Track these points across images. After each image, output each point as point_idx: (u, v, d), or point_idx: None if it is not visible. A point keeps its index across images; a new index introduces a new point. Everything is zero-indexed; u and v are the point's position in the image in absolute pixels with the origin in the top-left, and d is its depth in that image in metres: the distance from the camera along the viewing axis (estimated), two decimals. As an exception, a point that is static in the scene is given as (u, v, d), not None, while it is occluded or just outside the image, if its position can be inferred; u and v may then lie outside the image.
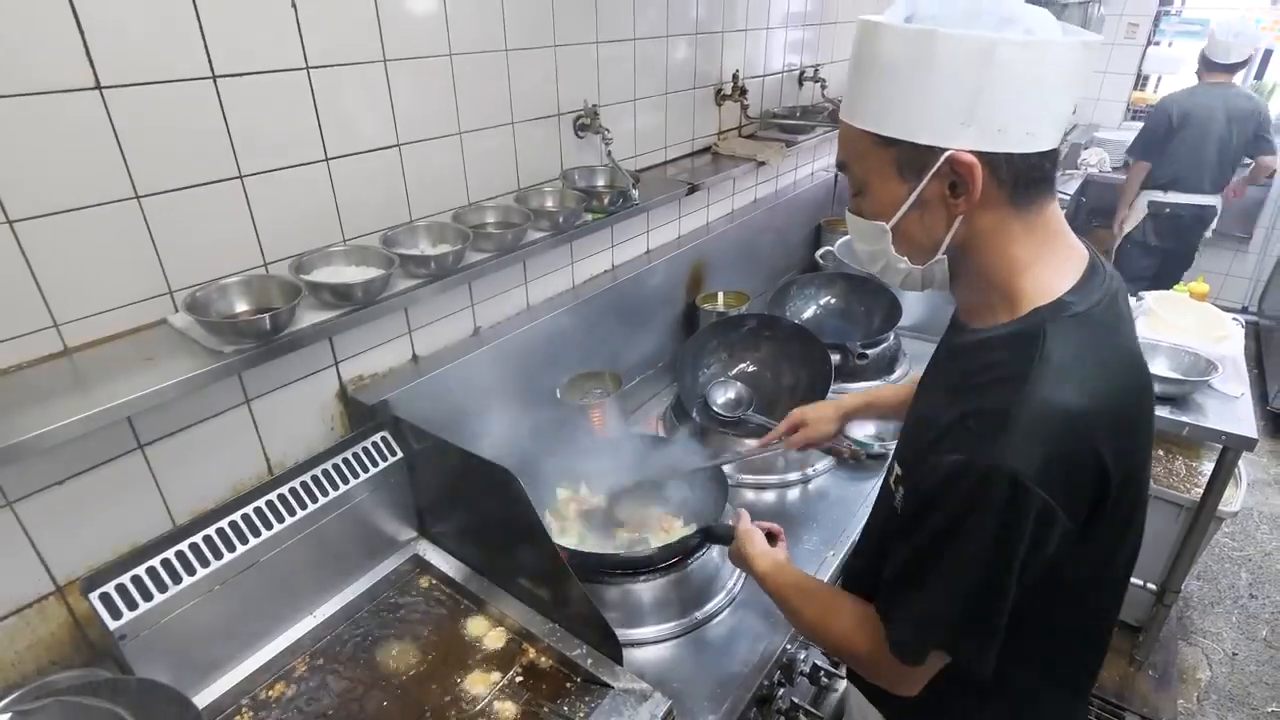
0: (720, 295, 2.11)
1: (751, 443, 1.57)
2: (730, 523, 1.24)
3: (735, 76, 2.19)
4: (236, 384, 1.13)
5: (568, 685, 1.09)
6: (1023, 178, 0.76)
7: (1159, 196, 3.75)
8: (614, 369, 1.74)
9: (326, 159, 1.20)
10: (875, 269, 0.90)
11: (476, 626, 1.20)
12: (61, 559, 0.99)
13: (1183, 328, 2.28)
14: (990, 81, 0.72)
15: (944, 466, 0.76)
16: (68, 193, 0.93)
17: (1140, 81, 5.22)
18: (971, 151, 0.74)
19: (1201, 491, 2.13)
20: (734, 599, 1.32)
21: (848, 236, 2.56)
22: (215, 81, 1.03)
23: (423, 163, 1.34)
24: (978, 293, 0.84)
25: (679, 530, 1.39)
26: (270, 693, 1.09)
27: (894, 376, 2.01)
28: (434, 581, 1.28)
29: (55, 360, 0.97)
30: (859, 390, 1.91)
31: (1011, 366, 0.75)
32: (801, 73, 2.62)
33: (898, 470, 0.93)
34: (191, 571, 0.99)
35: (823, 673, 1.32)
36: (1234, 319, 2.36)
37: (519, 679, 1.11)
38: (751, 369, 1.86)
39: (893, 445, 1.71)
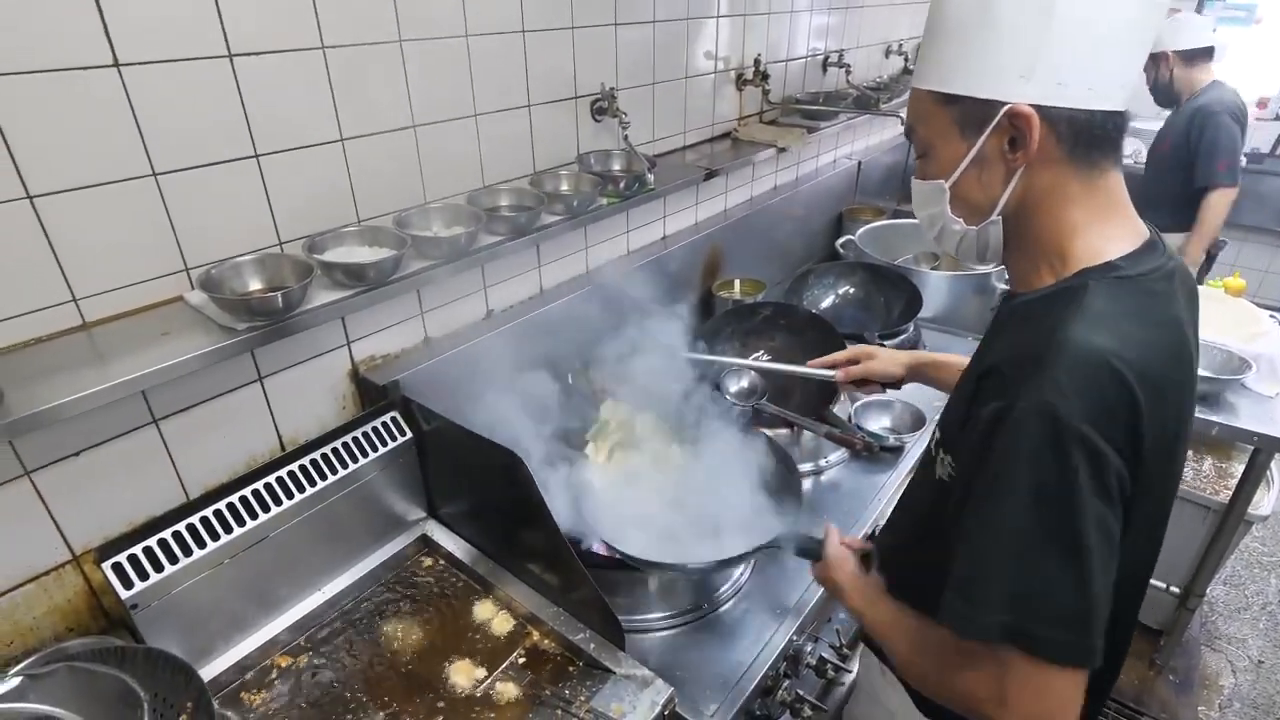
0: (737, 283, 2.09)
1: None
2: (819, 535, 1.15)
3: (757, 61, 2.15)
4: (249, 361, 1.14)
5: (570, 669, 1.10)
6: (1083, 136, 0.76)
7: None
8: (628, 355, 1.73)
9: (342, 139, 1.20)
10: (932, 234, 0.91)
11: (483, 608, 1.20)
12: (78, 529, 1.02)
13: (1216, 324, 2.21)
14: (1050, 34, 0.72)
15: (982, 419, 0.74)
16: (86, 169, 0.94)
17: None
18: (1030, 105, 0.74)
19: (1230, 493, 2.08)
20: (741, 588, 1.32)
21: (869, 225, 2.55)
22: (232, 60, 1.04)
23: (438, 144, 1.34)
24: (1029, 258, 0.83)
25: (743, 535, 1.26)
26: (277, 667, 1.10)
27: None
28: (442, 562, 1.29)
29: (74, 334, 0.99)
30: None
31: (1048, 317, 0.74)
32: (826, 58, 2.58)
33: (938, 435, 0.91)
34: (203, 544, 1.01)
35: (829, 665, 1.31)
36: (1271, 316, 2.28)
37: (522, 661, 1.11)
38: (765, 358, 1.84)
39: (908, 438, 1.69)
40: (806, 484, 1.62)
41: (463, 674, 1.09)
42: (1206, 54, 2.99)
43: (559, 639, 1.13)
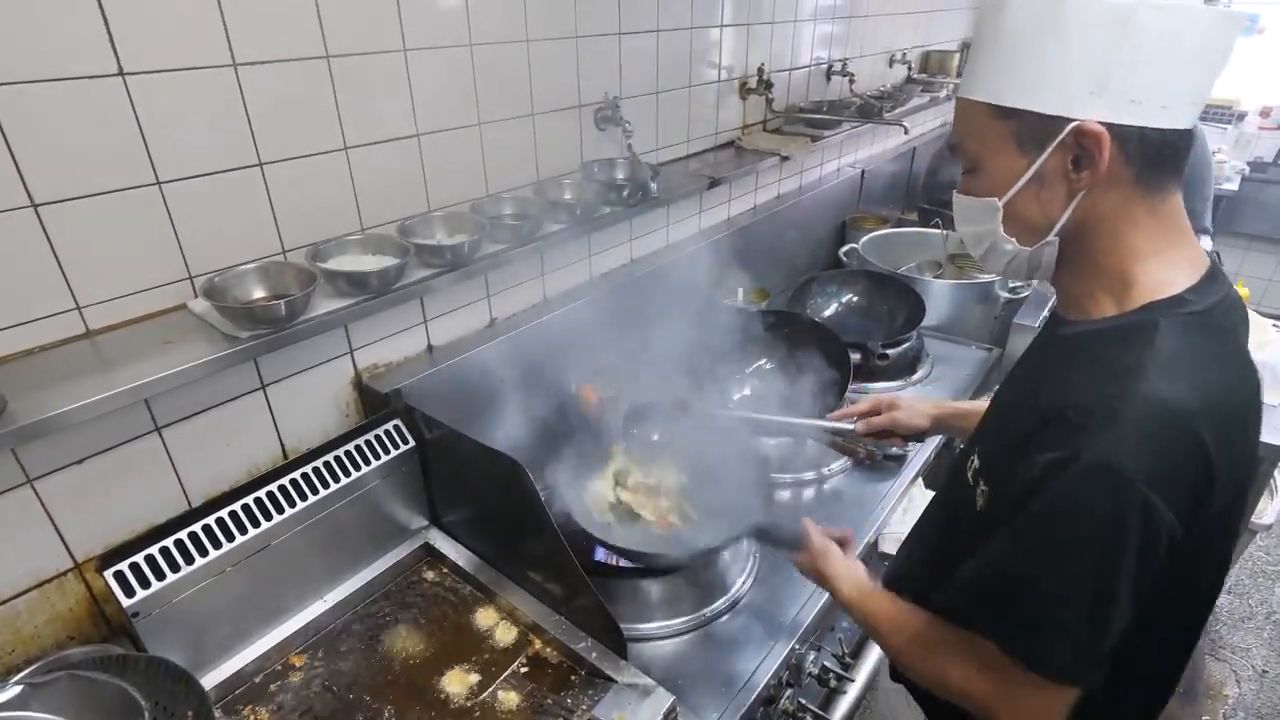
0: (740, 292, 2.09)
1: (819, 422, 1.49)
2: (793, 526, 1.17)
3: (760, 70, 2.16)
4: (252, 369, 1.14)
5: (572, 678, 1.09)
6: (1153, 157, 0.72)
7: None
8: (632, 364, 1.73)
9: (345, 148, 1.20)
10: (979, 251, 0.86)
11: (485, 617, 1.20)
12: (80, 536, 1.01)
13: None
14: (1125, 46, 0.68)
15: (1040, 464, 0.71)
16: (90, 178, 0.95)
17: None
18: (1101, 123, 0.70)
19: (1234, 503, 2.06)
20: (743, 597, 1.31)
21: (873, 233, 2.55)
22: (236, 70, 1.04)
23: (441, 153, 1.34)
24: (1085, 281, 0.80)
25: (696, 522, 1.36)
26: (278, 675, 1.10)
27: (915, 377, 1.97)
28: (444, 571, 1.29)
29: (77, 342, 0.99)
30: (880, 389, 1.90)
31: (1122, 360, 0.71)
32: (830, 67, 2.58)
33: (975, 463, 0.87)
34: (204, 552, 1.00)
35: (832, 675, 1.31)
36: (1275, 325, 2.27)
37: (524, 670, 1.11)
38: (767, 366, 1.84)
39: (911, 448, 1.68)
40: (809, 492, 1.62)
41: (464, 683, 1.09)
42: None
43: (561, 648, 1.12)
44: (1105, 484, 0.67)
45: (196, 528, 1.00)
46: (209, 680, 1.03)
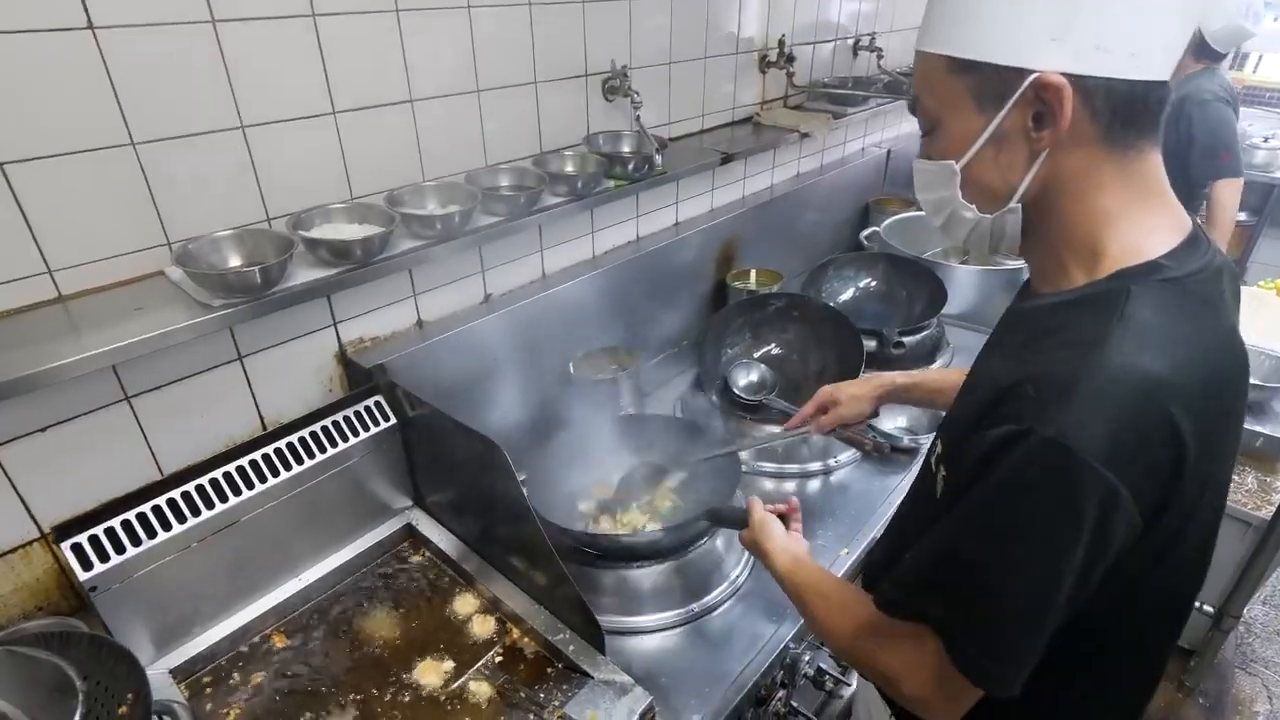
0: (753, 273, 2.02)
1: (774, 429, 1.49)
2: (741, 506, 1.15)
3: (781, 42, 2.06)
4: (228, 339, 1.11)
5: (548, 671, 1.05)
6: (1121, 111, 0.66)
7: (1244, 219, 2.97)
8: (633, 345, 1.67)
9: (334, 112, 1.16)
10: (939, 221, 0.80)
11: (464, 603, 1.16)
12: (46, 505, 0.99)
13: (1261, 328, 2.07)
14: None
15: (989, 440, 0.64)
16: (60, 136, 0.91)
17: (1238, 60, 4.77)
18: (1062, 74, 0.64)
19: (1273, 510, 1.94)
20: (737, 590, 1.25)
21: (896, 216, 2.44)
22: (215, 26, 1.00)
23: (437, 121, 1.29)
24: (1053, 251, 0.73)
25: (681, 513, 1.32)
26: (247, 656, 1.07)
27: (934, 367, 1.88)
28: (426, 554, 1.25)
29: (49, 307, 0.96)
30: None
31: (1085, 329, 0.65)
32: (856, 41, 2.46)
33: (939, 449, 0.81)
34: (168, 526, 0.97)
35: (828, 678, 1.25)
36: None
37: (499, 660, 1.07)
38: (777, 351, 1.77)
39: (925, 439, 1.60)
40: (815, 484, 1.55)
41: (438, 671, 1.05)
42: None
43: (539, 639, 1.08)
44: (1056, 462, 0.60)
45: (161, 501, 0.97)
46: (170, 661, 1.00)
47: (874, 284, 2.12)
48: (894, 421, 1.64)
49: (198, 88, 1.00)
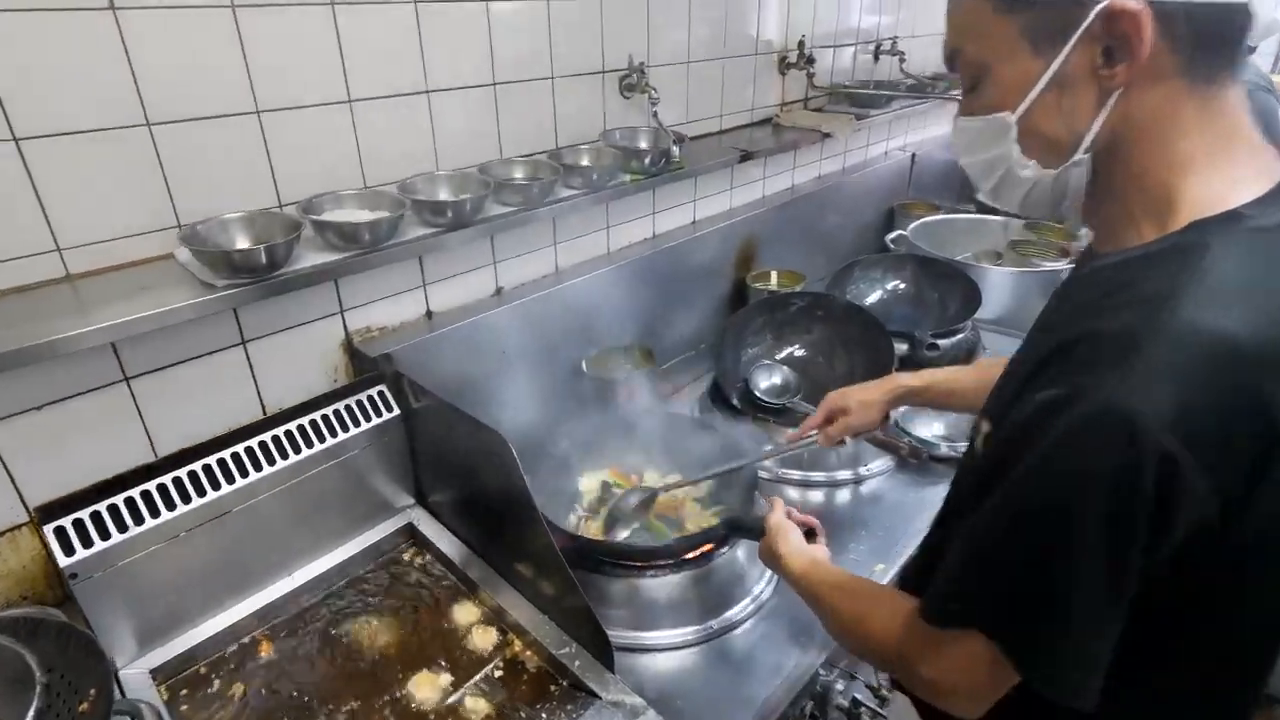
0: (773, 275, 1.97)
1: (783, 437, 1.41)
2: (761, 515, 1.09)
3: (801, 43, 2.04)
4: (232, 322, 1.09)
5: (551, 689, 0.98)
6: (1205, 39, 0.58)
7: None
8: (648, 345, 1.63)
9: (349, 101, 1.15)
10: (989, 185, 0.71)
11: (464, 612, 1.10)
12: (37, 487, 0.97)
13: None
14: None
15: (1035, 404, 0.57)
16: (76, 114, 0.91)
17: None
18: None
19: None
20: (762, 606, 1.17)
21: (924, 219, 2.39)
22: (234, 11, 1.00)
23: (453, 113, 1.28)
24: (1121, 205, 0.65)
25: (704, 521, 1.27)
26: (231, 659, 1.03)
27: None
28: (426, 557, 1.20)
29: (57, 285, 0.95)
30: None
31: (1153, 285, 0.57)
32: (878, 45, 2.44)
33: (984, 428, 0.72)
34: (156, 513, 0.94)
35: (864, 710, 1.14)
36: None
37: (499, 674, 1.01)
38: (801, 353, 1.71)
39: (965, 447, 1.52)
40: (843, 494, 1.47)
41: (434, 685, 0.99)
42: None
43: (542, 653, 1.02)
44: (1112, 431, 0.52)
45: (151, 485, 0.94)
46: (154, 658, 0.96)
47: (902, 286, 2.05)
48: (930, 428, 1.56)
49: (215, 71, 1.00)
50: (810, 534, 1.05)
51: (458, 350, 1.31)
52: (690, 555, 1.13)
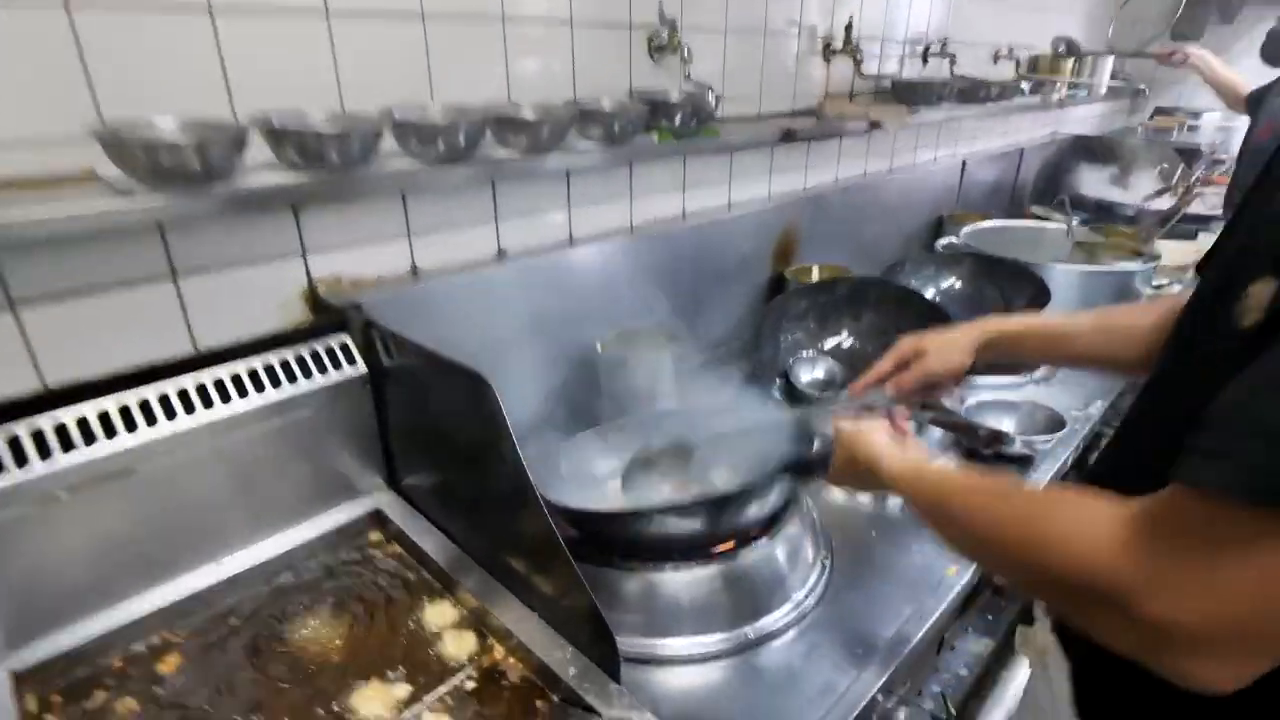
0: (815, 270, 1.75)
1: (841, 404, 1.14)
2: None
3: (849, 28, 1.87)
4: (159, 246, 0.87)
5: (538, 704, 0.74)
6: None
7: None
8: (675, 331, 1.40)
9: (326, 10, 0.97)
10: None
11: (438, 613, 0.87)
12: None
13: None
14: None
15: None
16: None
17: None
18: None
19: None
20: (804, 615, 0.93)
21: (978, 226, 2.17)
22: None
23: (453, 46, 1.10)
24: None
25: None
26: (130, 664, 0.79)
27: (1038, 374, 1.56)
28: (396, 550, 0.97)
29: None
30: (994, 384, 1.49)
31: None
32: (927, 47, 2.27)
33: (1249, 297, 0.51)
34: (24, 462, 0.71)
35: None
36: None
37: (470, 686, 0.76)
38: (848, 344, 1.47)
39: (1042, 443, 1.25)
40: (893, 501, 1.21)
41: (382, 699, 0.75)
42: None
43: (529, 660, 0.78)
44: None
45: (19, 427, 0.72)
46: (20, 658, 0.73)
47: (958, 285, 1.82)
48: (1000, 425, 1.31)
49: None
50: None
51: (447, 314, 1.09)
52: (720, 544, 0.90)
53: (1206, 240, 2.38)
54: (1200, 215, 2.45)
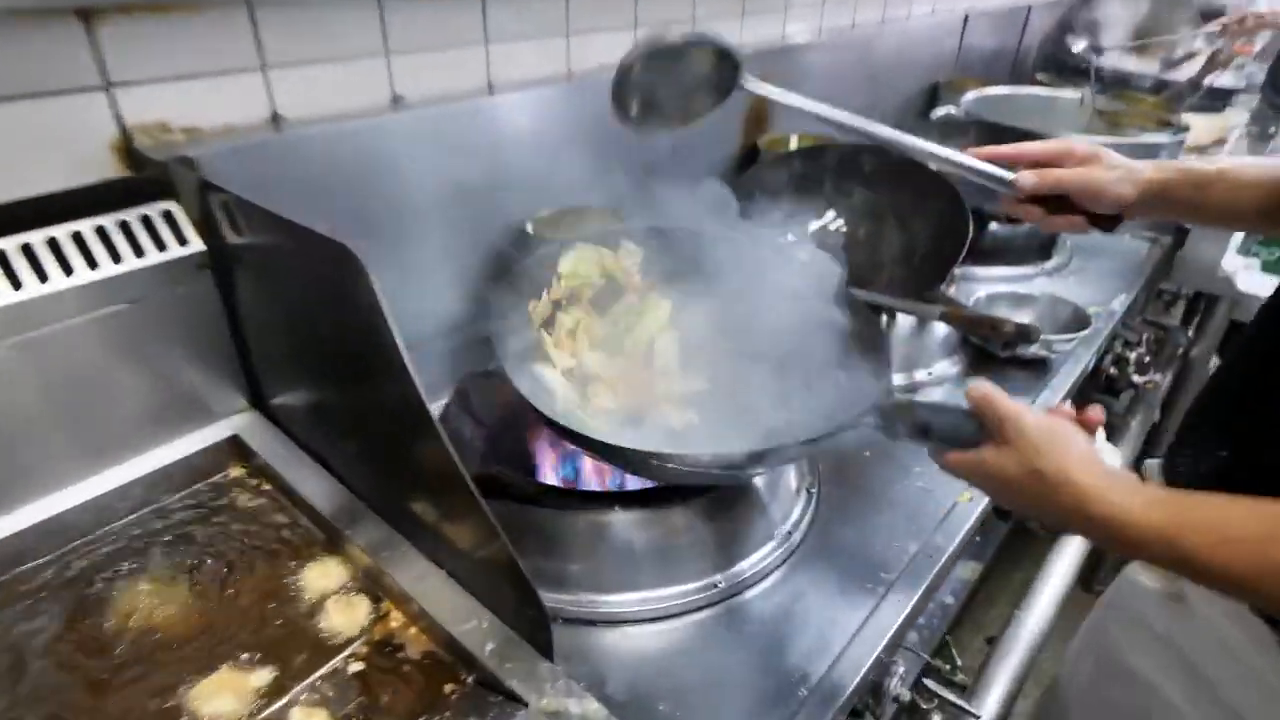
0: (794, 139, 1.50)
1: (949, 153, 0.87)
2: (954, 402, 0.59)
3: None
4: None
5: (446, 690, 0.56)
6: None
7: None
8: (619, 208, 1.16)
9: None
10: None
11: (320, 573, 0.67)
12: None
13: None
14: None
15: None
16: None
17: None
18: None
19: None
20: (792, 551, 0.76)
21: (982, 92, 1.90)
22: None
23: None
24: None
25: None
26: None
27: (1050, 264, 1.39)
28: (262, 485, 0.75)
29: None
30: (999, 275, 1.33)
31: None
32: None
33: None
34: None
35: (939, 704, 0.75)
36: None
37: (355, 668, 0.58)
38: (835, 225, 1.25)
39: (1060, 342, 1.08)
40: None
41: (236, 689, 0.56)
42: None
43: (436, 632, 0.59)
44: None
45: None
46: None
47: (963, 159, 1.59)
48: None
49: None
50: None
51: (322, 180, 0.83)
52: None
53: (1235, 115, 2.15)
54: (1227, 89, 2.22)
